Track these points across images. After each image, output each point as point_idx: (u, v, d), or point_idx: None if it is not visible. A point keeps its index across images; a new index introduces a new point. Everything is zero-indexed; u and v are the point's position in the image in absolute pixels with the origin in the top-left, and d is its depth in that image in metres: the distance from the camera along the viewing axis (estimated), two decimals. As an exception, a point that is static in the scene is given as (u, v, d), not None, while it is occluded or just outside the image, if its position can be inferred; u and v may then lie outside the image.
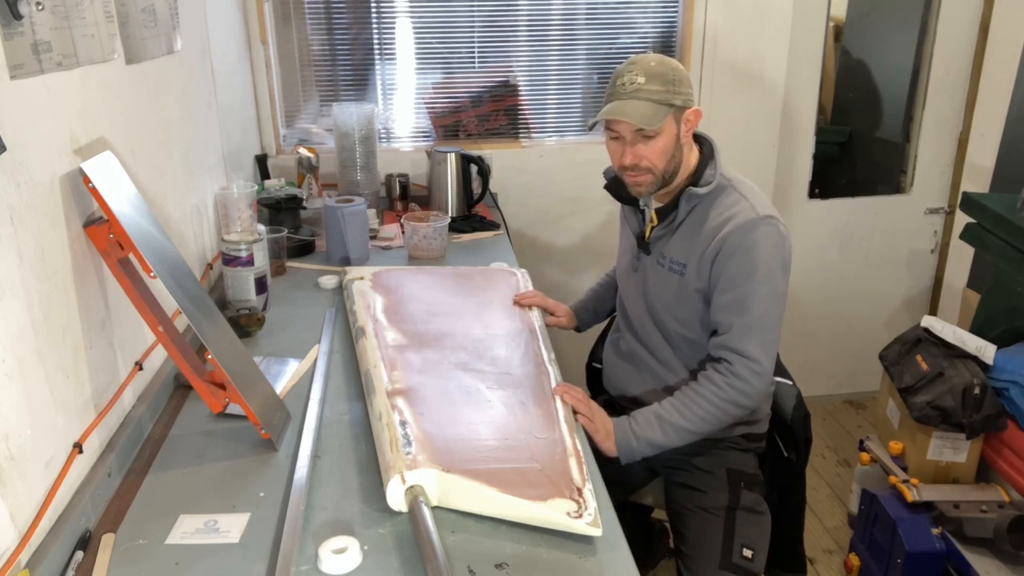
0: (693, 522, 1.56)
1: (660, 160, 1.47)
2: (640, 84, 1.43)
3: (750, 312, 1.45)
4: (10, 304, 0.97)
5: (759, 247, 1.44)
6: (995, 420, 1.97)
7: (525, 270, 1.99)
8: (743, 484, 1.57)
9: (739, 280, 1.45)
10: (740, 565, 1.48)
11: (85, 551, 1.06)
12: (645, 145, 1.46)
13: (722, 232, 1.45)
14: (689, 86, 1.47)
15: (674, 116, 1.45)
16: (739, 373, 1.46)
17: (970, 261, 2.91)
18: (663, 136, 1.45)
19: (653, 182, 1.50)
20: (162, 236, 1.29)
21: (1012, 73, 2.67)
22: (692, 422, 1.47)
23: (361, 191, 2.45)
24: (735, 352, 1.46)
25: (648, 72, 1.44)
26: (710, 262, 1.47)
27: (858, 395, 3.30)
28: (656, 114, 1.43)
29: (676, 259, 1.54)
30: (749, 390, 1.46)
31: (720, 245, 1.45)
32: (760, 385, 1.47)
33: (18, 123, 0.99)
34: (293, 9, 2.59)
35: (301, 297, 1.91)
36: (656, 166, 1.48)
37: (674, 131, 1.46)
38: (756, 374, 1.46)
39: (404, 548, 1.06)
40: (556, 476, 1.16)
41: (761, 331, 1.46)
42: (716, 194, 1.50)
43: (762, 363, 1.46)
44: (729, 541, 1.50)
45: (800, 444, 1.69)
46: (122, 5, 1.33)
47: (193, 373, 1.27)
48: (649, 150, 1.46)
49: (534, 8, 2.70)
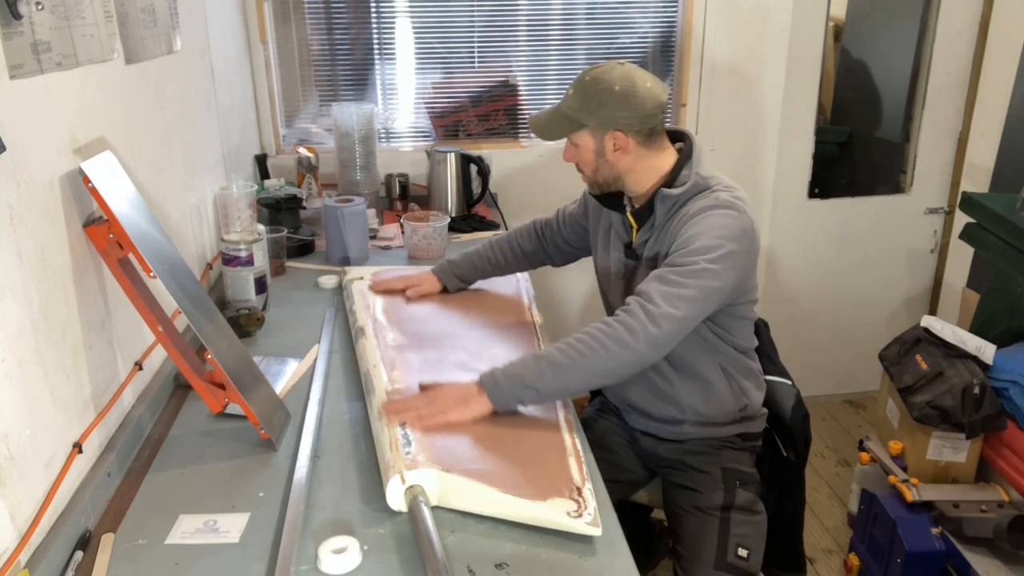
0: (689, 522, 1.55)
1: (586, 167, 1.54)
2: (567, 94, 1.50)
3: (672, 268, 1.38)
4: (10, 304, 0.97)
5: (709, 219, 1.40)
6: (994, 420, 1.97)
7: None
8: (738, 483, 1.57)
9: (679, 247, 1.40)
10: (735, 565, 1.48)
11: (85, 551, 1.06)
12: (572, 149, 1.54)
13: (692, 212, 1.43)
14: (625, 108, 1.43)
15: (591, 133, 1.49)
16: (632, 311, 1.35)
17: (970, 261, 2.91)
18: (580, 148, 1.52)
19: (590, 183, 1.58)
20: (162, 236, 1.29)
21: (1012, 73, 2.67)
22: (570, 359, 1.32)
23: (361, 191, 2.45)
24: (638, 294, 1.38)
25: (579, 86, 1.48)
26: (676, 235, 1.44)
27: (858, 395, 3.30)
28: (559, 127, 1.51)
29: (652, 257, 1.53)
30: (637, 328, 1.32)
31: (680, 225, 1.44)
32: (652, 329, 1.32)
33: (18, 123, 0.99)
34: (293, 9, 2.59)
35: (301, 297, 1.91)
36: (585, 170, 1.55)
37: (592, 147, 1.50)
38: (648, 315, 1.33)
39: (404, 548, 1.06)
40: (556, 476, 1.16)
41: (673, 285, 1.36)
42: (691, 192, 1.47)
43: (660, 307, 1.33)
44: (724, 541, 1.50)
45: (799, 444, 1.69)
46: (121, 5, 1.33)
47: (193, 373, 1.27)
48: (575, 154, 1.54)
49: (534, 8, 2.70)
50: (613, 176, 1.53)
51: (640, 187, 1.54)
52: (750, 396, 1.62)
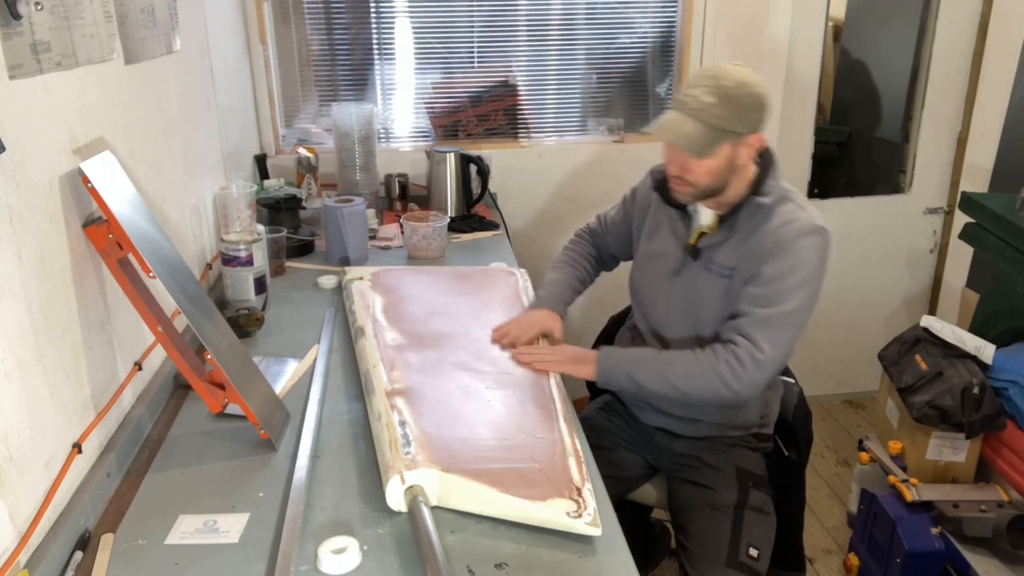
0: (700, 518, 1.55)
1: (705, 179, 1.44)
2: (706, 104, 1.39)
3: (774, 307, 1.44)
4: (9, 304, 0.96)
5: (806, 252, 1.44)
6: (994, 420, 1.97)
7: (525, 270, 1.99)
8: (751, 483, 1.58)
9: (776, 277, 1.44)
10: (746, 564, 1.48)
11: (84, 551, 1.06)
12: (694, 162, 1.43)
13: (777, 234, 1.45)
14: (761, 110, 1.43)
15: (732, 142, 1.42)
16: (740, 356, 1.43)
17: (969, 261, 2.92)
18: (714, 159, 1.42)
19: (693, 195, 1.49)
20: (161, 236, 1.29)
21: (1011, 73, 2.67)
22: (679, 378, 1.46)
23: (360, 191, 2.45)
24: (745, 337, 1.44)
25: (721, 93, 1.39)
26: (760, 260, 1.46)
27: (857, 395, 3.31)
28: (708, 141, 1.40)
29: (725, 263, 1.51)
30: (744, 375, 1.43)
31: (772, 242, 1.45)
32: (756, 376, 1.43)
33: (17, 123, 0.99)
34: (292, 9, 2.59)
35: (300, 297, 1.91)
36: (699, 183, 1.45)
37: (727, 155, 1.43)
38: (756, 363, 1.42)
39: (403, 548, 1.06)
40: (555, 476, 1.16)
41: (777, 327, 1.44)
42: (777, 203, 1.48)
43: (767, 354, 1.42)
44: (736, 539, 1.50)
45: (801, 443, 1.70)
46: (121, 5, 1.33)
47: (192, 373, 1.27)
48: (696, 167, 1.43)
49: (533, 8, 2.70)
50: (724, 185, 1.47)
51: (735, 195, 1.50)
52: (771, 405, 1.65)
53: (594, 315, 2.15)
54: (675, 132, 1.41)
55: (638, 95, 2.86)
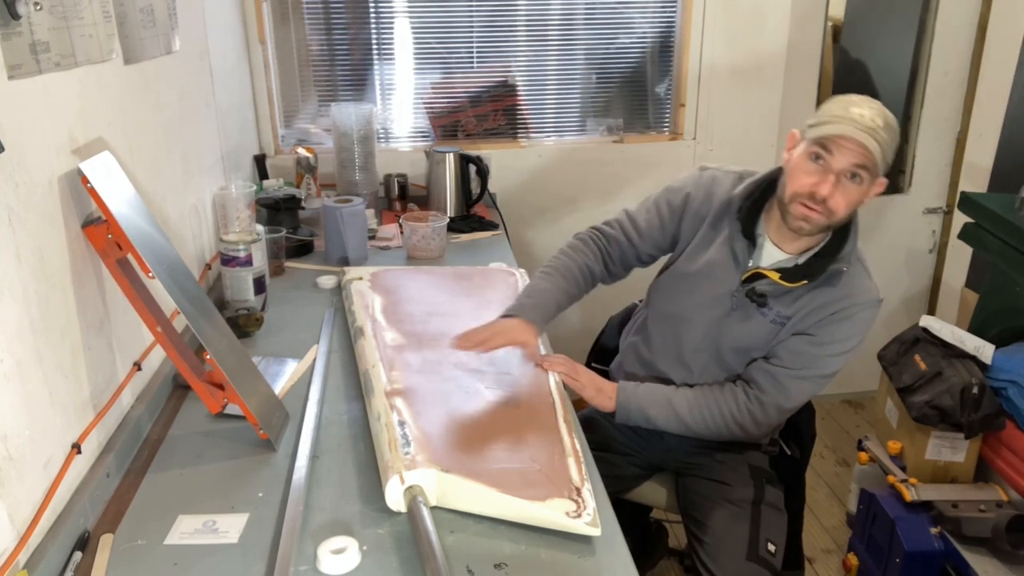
0: (718, 513, 1.55)
1: (846, 210, 1.35)
2: (878, 127, 1.29)
3: (817, 369, 1.46)
4: (8, 305, 0.96)
5: (864, 325, 1.45)
6: (993, 419, 1.97)
7: (524, 270, 1.99)
8: (765, 480, 1.60)
9: (832, 343, 1.45)
10: (765, 559, 1.49)
11: (84, 552, 1.06)
12: (846, 187, 1.32)
13: (847, 300, 1.44)
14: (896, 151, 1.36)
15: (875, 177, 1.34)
16: (765, 404, 1.47)
17: (968, 261, 2.92)
18: (865, 186, 1.33)
19: (821, 226, 1.38)
20: (160, 236, 1.29)
21: (1010, 73, 2.67)
22: (695, 421, 1.50)
23: (360, 191, 2.45)
24: (779, 387, 1.47)
25: (886, 122, 1.31)
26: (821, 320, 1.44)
27: (857, 395, 3.31)
28: (884, 163, 1.32)
29: (783, 312, 1.47)
30: (763, 421, 1.48)
31: (839, 307, 1.44)
32: (775, 421, 1.51)
33: (16, 123, 0.99)
34: (292, 9, 2.58)
35: (300, 297, 1.91)
36: (838, 212, 1.34)
37: (869, 187, 1.35)
38: (780, 411, 1.48)
39: (403, 548, 1.06)
40: (555, 476, 1.16)
41: (811, 383, 1.48)
42: (852, 270, 1.45)
43: (793, 405, 1.49)
44: (756, 534, 1.51)
45: (805, 441, 1.70)
46: (120, 5, 1.33)
47: (192, 373, 1.27)
48: (848, 193, 1.33)
49: (533, 8, 2.70)
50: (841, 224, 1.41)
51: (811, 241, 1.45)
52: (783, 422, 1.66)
53: (594, 315, 2.15)
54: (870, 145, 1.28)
55: (637, 95, 2.86)
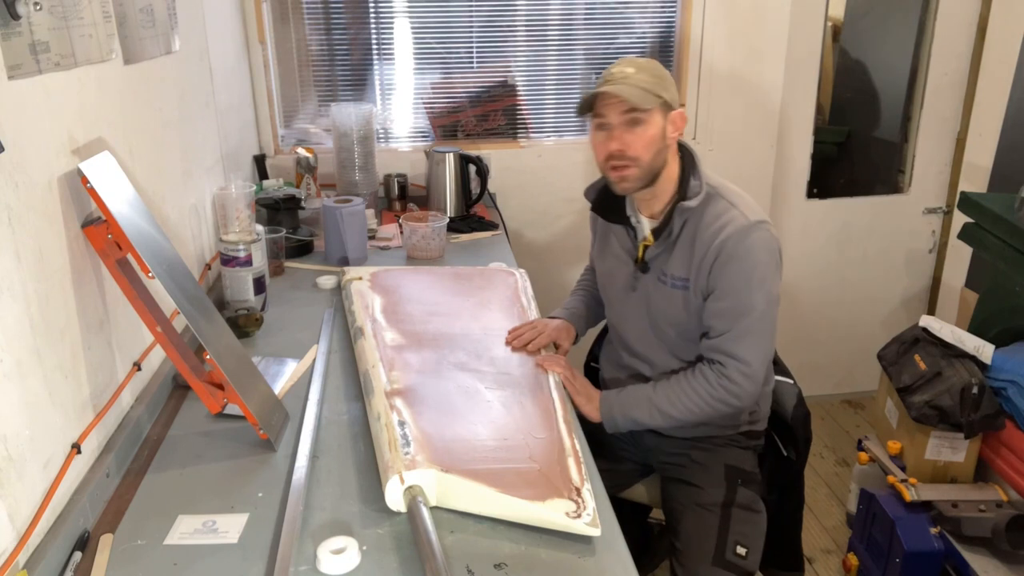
0: (688, 518, 1.56)
1: (646, 151, 1.44)
2: (630, 73, 1.44)
3: (746, 318, 1.46)
4: (8, 304, 0.96)
5: (754, 253, 1.44)
6: (993, 419, 1.97)
7: (524, 270, 1.99)
8: (740, 481, 1.58)
9: (736, 286, 1.45)
10: (733, 562, 1.48)
11: (83, 552, 1.06)
12: (632, 133, 1.43)
13: (717, 240, 1.45)
14: (675, 90, 1.48)
15: (661, 110, 1.44)
16: (731, 376, 1.47)
17: (968, 261, 2.92)
18: (651, 125, 1.43)
19: (639, 176, 1.47)
20: (160, 236, 1.29)
21: (1010, 73, 2.67)
22: (679, 411, 1.52)
23: (359, 191, 2.45)
24: (728, 356, 1.47)
25: (638, 65, 1.46)
26: (707, 270, 1.47)
27: (856, 395, 3.31)
28: (647, 98, 1.41)
29: (677, 275, 1.52)
30: (739, 392, 1.48)
31: (716, 253, 1.45)
32: (750, 388, 1.49)
33: (16, 123, 0.99)
34: (291, 9, 2.59)
35: (299, 297, 1.91)
36: (641, 157, 1.44)
37: (661, 124, 1.45)
38: (747, 376, 1.47)
39: (403, 548, 1.06)
40: (555, 476, 1.16)
41: (755, 335, 1.47)
42: (705, 204, 1.49)
43: (753, 366, 1.47)
44: (723, 538, 1.50)
45: (800, 443, 1.70)
46: (120, 5, 1.33)
47: (191, 373, 1.27)
48: (635, 138, 1.43)
49: (532, 8, 2.70)
50: (664, 161, 1.49)
51: (662, 196, 1.52)
52: (761, 402, 1.64)
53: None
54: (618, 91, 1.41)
55: (637, 95, 2.86)
